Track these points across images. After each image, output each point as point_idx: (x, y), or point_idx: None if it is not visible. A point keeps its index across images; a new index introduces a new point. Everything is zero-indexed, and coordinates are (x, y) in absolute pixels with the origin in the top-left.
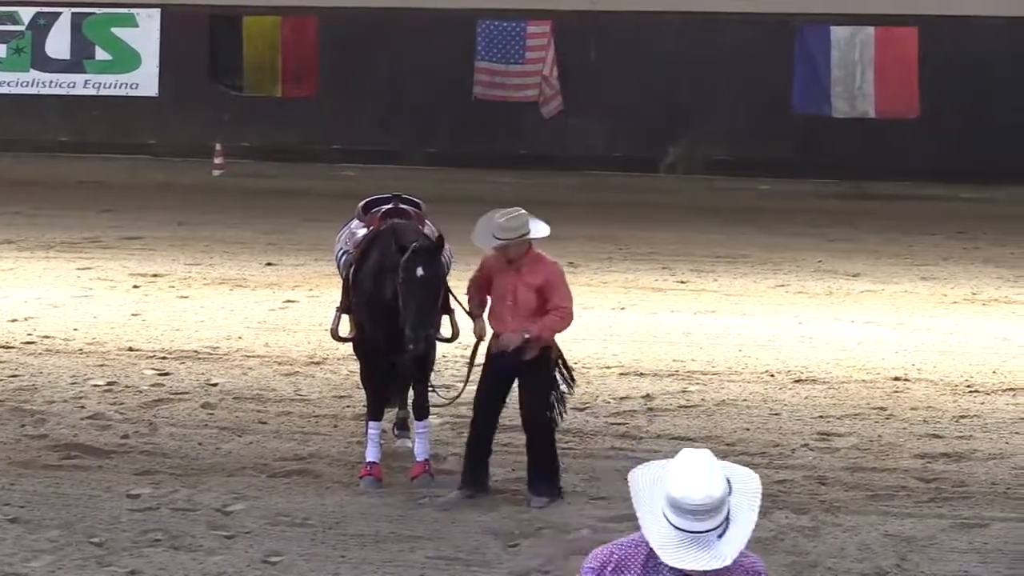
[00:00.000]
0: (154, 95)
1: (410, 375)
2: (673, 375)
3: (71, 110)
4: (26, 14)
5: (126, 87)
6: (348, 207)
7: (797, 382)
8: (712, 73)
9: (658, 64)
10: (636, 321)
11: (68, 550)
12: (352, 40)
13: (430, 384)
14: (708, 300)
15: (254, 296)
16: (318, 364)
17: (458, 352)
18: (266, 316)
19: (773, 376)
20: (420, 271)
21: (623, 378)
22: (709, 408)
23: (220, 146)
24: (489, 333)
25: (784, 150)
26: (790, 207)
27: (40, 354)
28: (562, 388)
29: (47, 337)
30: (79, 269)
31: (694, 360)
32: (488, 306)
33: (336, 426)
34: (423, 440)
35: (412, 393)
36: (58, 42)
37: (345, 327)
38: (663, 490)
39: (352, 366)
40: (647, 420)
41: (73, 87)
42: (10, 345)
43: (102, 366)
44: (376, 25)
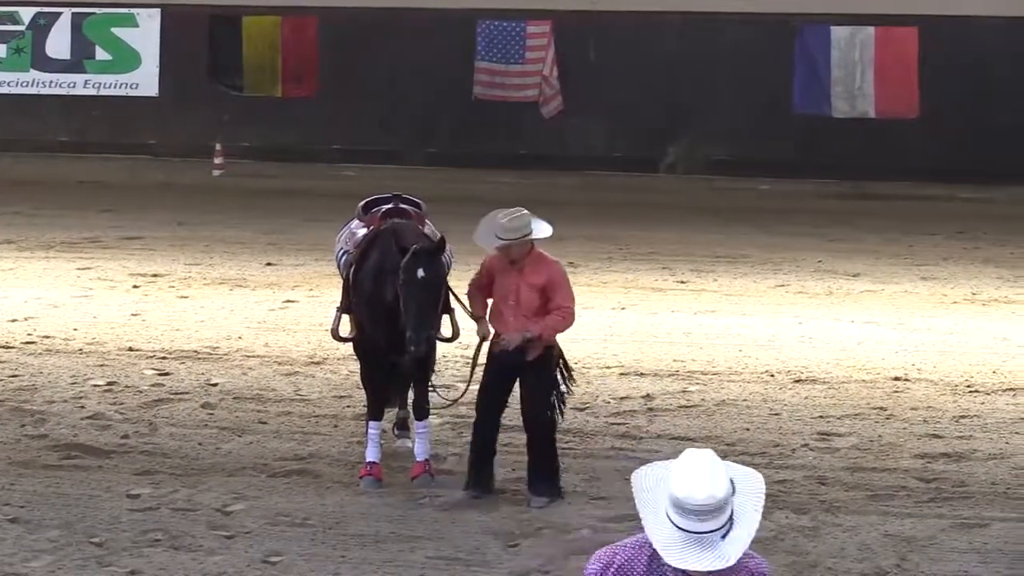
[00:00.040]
0: (154, 95)
1: (410, 375)
2: (673, 375)
3: (71, 110)
4: (26, 14)
5: (126, 87)
6: (348, 207)
7: (797, 382)
8: (712, 73)
9: (658, 64)
10: (636, 321)
11: (68, 550)
12: (352, 40)
13: (431, 385)
14: (708, 300)
15: (254, 296)
16: (318, 364)
17: (458, 352)
18: (266, 316)
19: (773, 376)
20: (421, 272)
21: (623, 378)
22: (709, 408)
23: (220, 146)
24: (491, 333)
25: (784, 150)
26: (790, 207)
27: (40, 354)
28: (563, 388)
29: (47, 337)
30: (79, 269)
31: (694, 360)
32: (490, 307)
33: (336, 426)
34: (423, 440)
35: (412, 393)
36: (58, 42)
37: (345, 327)
38: (666, 491)
39: (352, 366)
40: (647, 420)
41: (73, 87)
42: (10, 345)
43: (102, 366)
44: (376, 25)
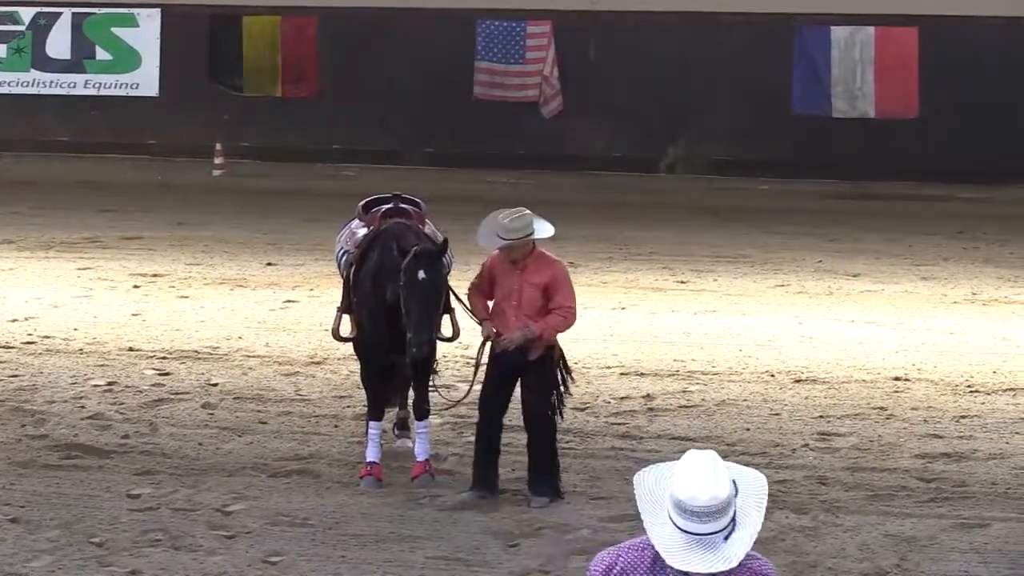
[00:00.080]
0: (154, 95)
1: (410, 375)
2: (673, 375)
3: (71, 110)
4: (26, 14)
5: (126, 87)
6: (348, 207)
7: (797, 382)
8: (712, 73)
9: (658, 64)
10: (636, 321)
11: (68, 550)
12: (352, 40)
13: (433, 385)
14: (708, 300)
15: (254, 296)
16: (318, 364)
17: (458, 352)
18: (266, 316)
19: (773, 376)
20: (422, 274)
21: (623, 378)
22: (709, 408)
23: (220, 146)
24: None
25: (784, 150)
26: (790, 207)
27: (40, 354)
28: (563, 388)
29: (47, 337)
30: (79, 269)
31: (694, 360)
32: (492, 308)
33: (336, 426)
34: (423, 440)
35: (412, 393)
36: (58, 42)
37: (346, 327)
38: (668, 492)
39: (352, 366)
40: (647, 420)
41: (73, 87)
42: (10, 345)
43: (102, 366)
44: (376, 25)
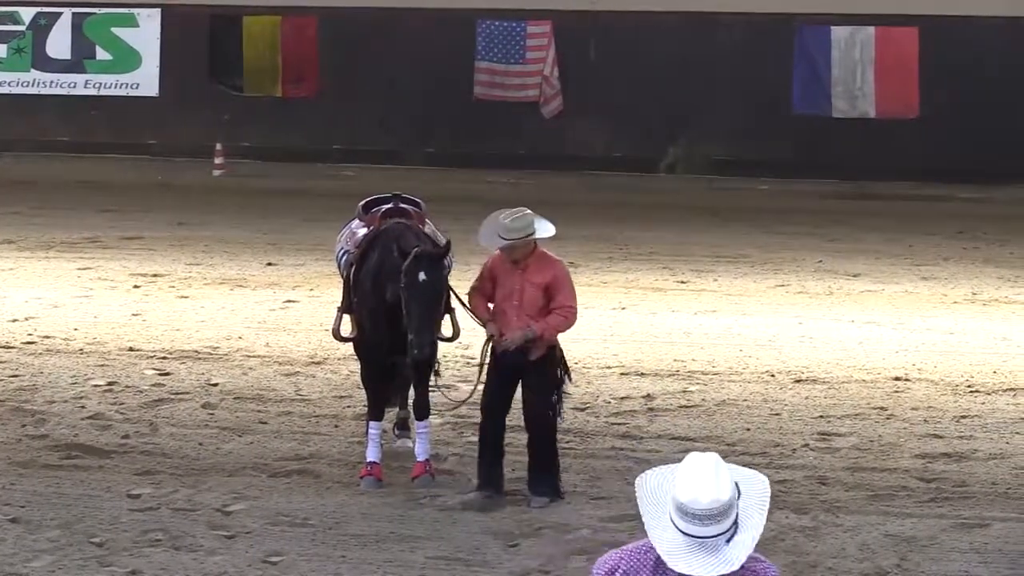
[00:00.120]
0: (154, 95)
1: (411, 376)
2: (674, 375)
3: (71, 110)
4: (27, 14)
5: (126, 87)
6: (348, 207)
7: (798, 382)
8: (712, 73)
9: (658, 64)
10: (636, 321)
11: (68, 550)
12: (352, 40)
13: (436, 385)
14: (708, 300)
15: (255, 296)
16: (319, 364)
17: (458, 352)
18: (267, 316)
19: (774, 376)
20: (423, 276)
21: (623, 378)
22: (710, 408)
23: (220, 146)
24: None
25: (784, 150)
26: (790, 207)
27: (40, 354)
28: (563, 389)
29: (47, 337)
30: (79, 269)
31: (695, 360)
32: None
33: (337, 426)
34: (424, 440)
35: (413, 393)
36: (58, 42)
37: (347, 327)
38: (670, 495)
39: (353, 366)
40: (648, 420)
41: (74, 87)
42: (10, 345)
43: (103, 366)
44: (376, 25)
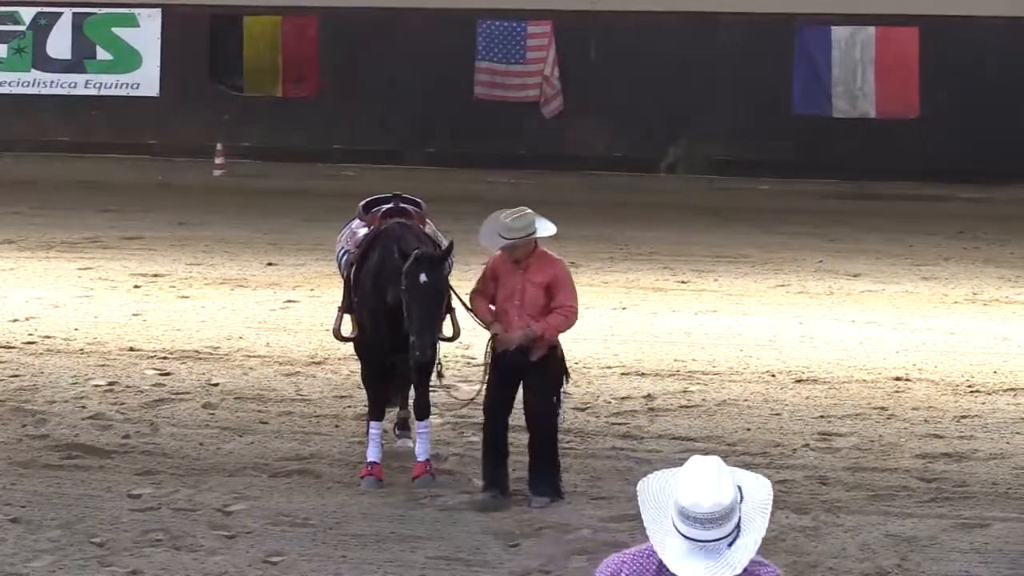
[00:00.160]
0: (155, 95)
1: (412, 376)
2: (674, 375)
3: (72, 110)
4: (27, 14)
5: (127, 87)
6: (348, 207)
7: (798, 382)
8: (712, 73)
9: (658, 64)
10: (637, 321)
11: (69, 550)
12: (352, 40)
13: (440, 385)
14: (709, 300)
15: (255, 296)
16: (319, 364)
17: (459, 352)
18: (267, 316)
19: (774, 376)
20: (424, 278)
21: (624, 378)
22: (710, 408)
23: (221, 146)
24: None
25: (784, 150)
26: (790, 207)
27: (41, 354)
28: (564, 388)
29: (48, 337)
30: (80, 269)
31: (695, 360)
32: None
33: (337, 426)
34: (424, 440)
35: (413, 393)
36: (59, 42)
37: (347, 327)
38: (672, 499)
39: (353, 366)
40: (648, 420)
41: (74, 87)
42: (11, 345)
43: (103, 366)
44: (377, 25)
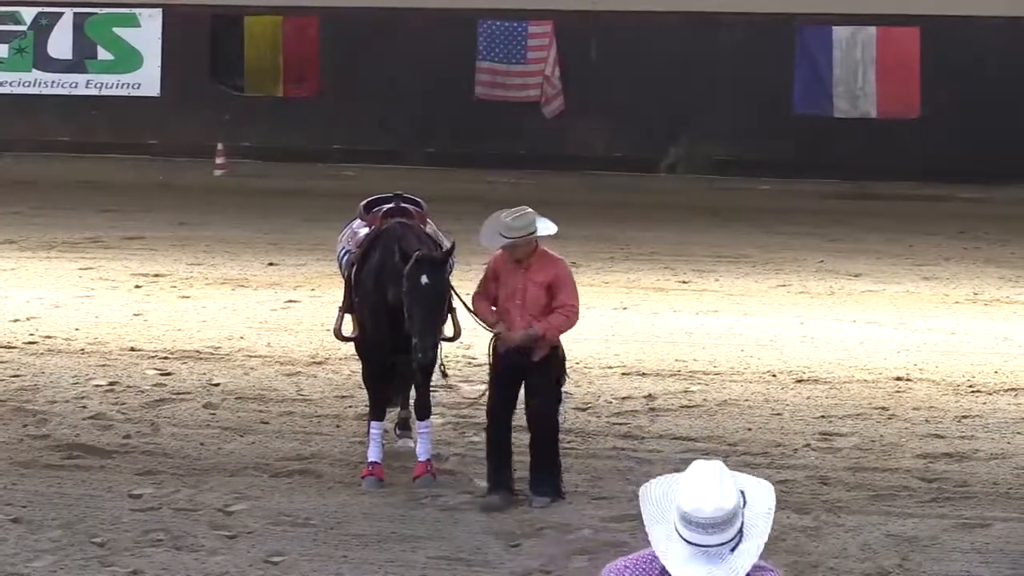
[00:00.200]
0: (156, 95)
1: (411, 376)
2: (675, 375)
3: (72, 110)
4: (28, 14)
5: (128, 87)
6: (349, 207)
7: (799, 382)
8: (713, 73)
9: (659, 64)
10: (638, 321)
11: (70, 550)
12: (353, 40)
13: (446, 385)
14: (710, 300)
15: (256, 296)
16: (320, 364)
17: (459, 351)
18: (268, 316)
19: (775, 376)
20: (425, 279)
21: (625, 378)
22: (711, 408)
23: (221, 146)
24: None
25: (785, 150)
26: (791, 207)
27: (42, 354)
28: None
29: (49, 337)
30: (81, 269)
31: (696, 360)
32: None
33: (338, 426)
34: (425, 440)
35: (414, 393)
36: (60, 42)
37: (348, 327)
38: (674, 504)
39: (354, 366)
40: (649, 420)
41: (75, 87)
42: (12, 345)
43: (104, 366)
44: (377, 25)
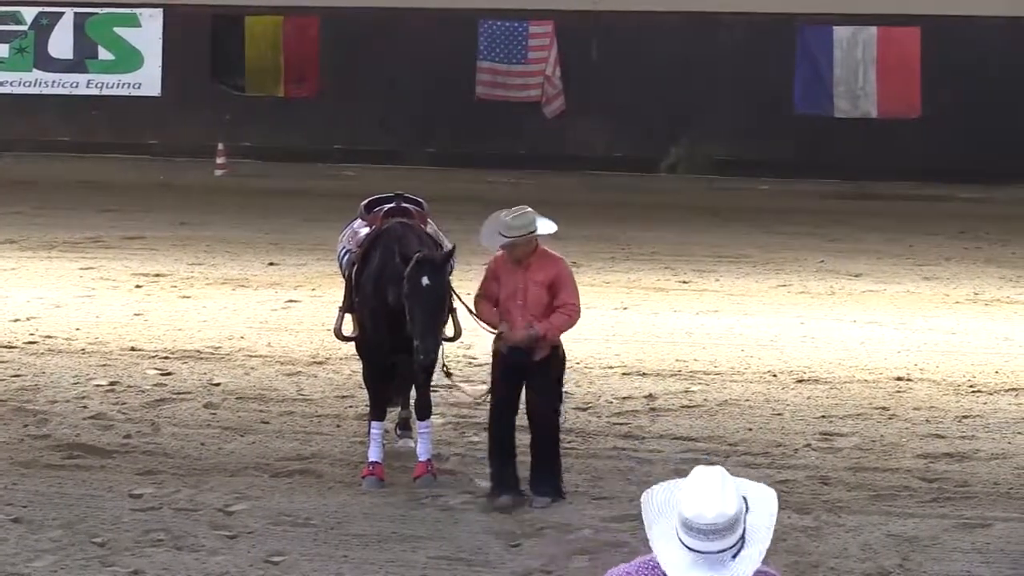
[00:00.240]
0: (156, 95)
1: (411, 376)
2: (675, 375)
3: (73, 110)
4: (28, 14)
5: (128, 87)
6: (349, 207)
7: (800, 382)
8: (713, 73)
9: (660, 64)
10: (638, 321)
11: (70, 550)
12: (353, 40)
13: (449, 385)
14: (710, 300)
15: (256, 296)
16: (320, 364)
17: (460, 351)
18: (268, 316)
19: (776, 376)
20: (425, 281)
21: (625, 378)
22: (712, 408)
23: (222, 146)
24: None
25: (785, 150)
26: (791, 207)
27: (42, 354)
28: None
29: (49, 337)
30: (81, 269)
31: (696, 360)
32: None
33: (338, 426)
34: (425, 440)
35: (415, 393)
36: (60, 42)
37: (348, 326)
38: (675, 510)
39: (354, 366)
40: (649, 420)
41: (76, 87)
42: (12, 345)
43: (104, 366)
44: (378, 25)
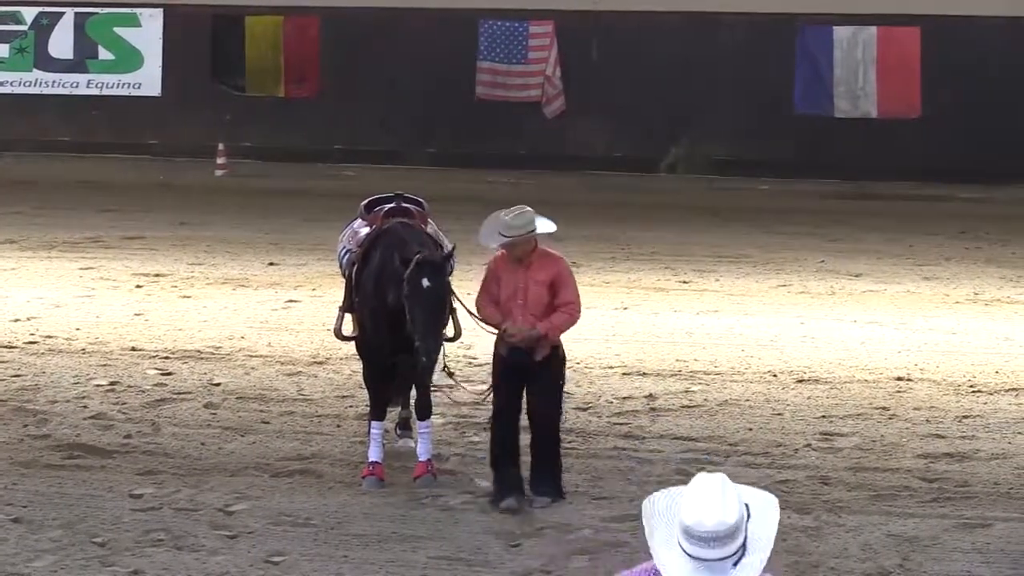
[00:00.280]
0: (156, 95)
1: (412, 376)
2: (676, 375)
3: (73, 110)
4: (29, 14)
5: (128, 87)
6: (349, 207)
7: (800, 382)
8: (713, 73)
9: (660, 64)
10: (639, 321)
11: (70, 550)
12: (354, 40)
13: (456, 383)
14: (710, 300)
15: (257, 296)
16: (321, 364)
17: (460, 351)
18: (269, 316)
19: (776, 376)
20: (426, 282)
21: (626, 378)
22: (712, 408)
23: (222, 146)
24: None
25: (785, 150)
26: (791, 207)
27: (43, 354)
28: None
29: (50, 337)
30: (81, 269)
31: (697, 360)
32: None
33: (339, 426)
34: (425, 440)
35: (415, 393)
36: (61, 42)
37: (348, 326)
38: (676, 517)
39: (355, 366)
40: (650, 420)
41: (76, 87)
42: (13, 345)
43: (105, 366)
44: (378, 25)
